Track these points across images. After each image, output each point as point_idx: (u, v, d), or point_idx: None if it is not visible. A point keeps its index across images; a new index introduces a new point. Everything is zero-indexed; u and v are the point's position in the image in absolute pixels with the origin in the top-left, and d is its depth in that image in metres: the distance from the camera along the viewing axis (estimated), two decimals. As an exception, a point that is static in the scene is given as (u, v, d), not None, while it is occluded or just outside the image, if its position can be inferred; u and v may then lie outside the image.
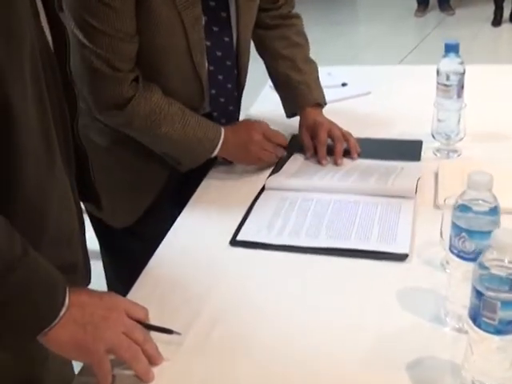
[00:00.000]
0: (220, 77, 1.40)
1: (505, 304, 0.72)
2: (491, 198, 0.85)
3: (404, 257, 1.09)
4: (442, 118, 1.45)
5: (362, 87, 1.89)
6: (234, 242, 1.17)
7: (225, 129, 1.37)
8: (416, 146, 1.49)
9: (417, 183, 1.30)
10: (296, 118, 1.56)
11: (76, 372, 0.92)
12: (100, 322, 0.79)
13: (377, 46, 5.63)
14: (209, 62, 1.35)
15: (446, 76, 1.45)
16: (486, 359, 0.77)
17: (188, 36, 1.27)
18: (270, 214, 1.25)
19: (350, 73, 2.02)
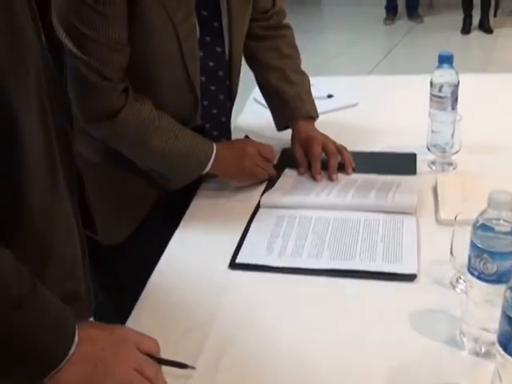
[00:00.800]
0: (212, 87, 1.38)
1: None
2: (513, 218, 0.83)
3: (412, 277, 1.07)
4: (436, 129, 1.45)
5: (348, 98, 1.88)
6: (233, 265, 1.14)
7: (216, 144, 1.34)
8: (410, 159, 1.48)
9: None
10: (285, 132, 1.54)
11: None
12: (110, 358, 0.76)
13: (346, 54, 5.66)
14: (201, 72, 1.33)
15: (439, 87, 1.45)
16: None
17: (182, 46, 1.24)
18: (268, 233, 1.23)
19: (334, 84, 2.01)
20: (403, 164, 1.46)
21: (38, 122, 0.72)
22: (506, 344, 0.74)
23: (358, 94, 1.90)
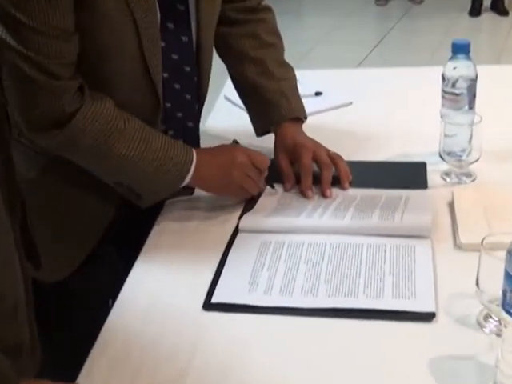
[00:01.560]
0: (177, 86, 1.38)
1: None
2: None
3: (430, 316, 1.07)
4: (451, 133, 1.46)
5: (340, 96, 1.90)
6: (208, 306, 1.13)
7: (197, 151, 1.33)
8: (419, 169, 1.49)
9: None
10: (267, 137, 1.54)
11: None
12: None
13: (331, 41, 5.73)
14: (163, 67, 1.32)
15: (452, 82, 1.45)
16: None
17: (140, 32, 1.24)
18: (250, 264, 1.22)
19: (323, 78, 2.04)
20: (411, 176, 1.47)
21: None
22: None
23: (351, 91, 1.92)
